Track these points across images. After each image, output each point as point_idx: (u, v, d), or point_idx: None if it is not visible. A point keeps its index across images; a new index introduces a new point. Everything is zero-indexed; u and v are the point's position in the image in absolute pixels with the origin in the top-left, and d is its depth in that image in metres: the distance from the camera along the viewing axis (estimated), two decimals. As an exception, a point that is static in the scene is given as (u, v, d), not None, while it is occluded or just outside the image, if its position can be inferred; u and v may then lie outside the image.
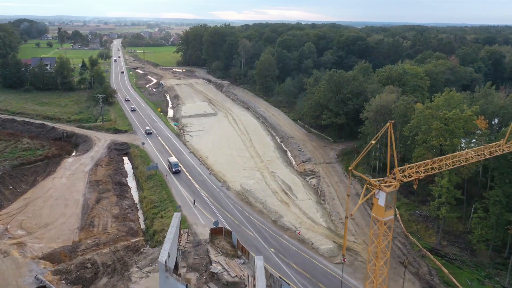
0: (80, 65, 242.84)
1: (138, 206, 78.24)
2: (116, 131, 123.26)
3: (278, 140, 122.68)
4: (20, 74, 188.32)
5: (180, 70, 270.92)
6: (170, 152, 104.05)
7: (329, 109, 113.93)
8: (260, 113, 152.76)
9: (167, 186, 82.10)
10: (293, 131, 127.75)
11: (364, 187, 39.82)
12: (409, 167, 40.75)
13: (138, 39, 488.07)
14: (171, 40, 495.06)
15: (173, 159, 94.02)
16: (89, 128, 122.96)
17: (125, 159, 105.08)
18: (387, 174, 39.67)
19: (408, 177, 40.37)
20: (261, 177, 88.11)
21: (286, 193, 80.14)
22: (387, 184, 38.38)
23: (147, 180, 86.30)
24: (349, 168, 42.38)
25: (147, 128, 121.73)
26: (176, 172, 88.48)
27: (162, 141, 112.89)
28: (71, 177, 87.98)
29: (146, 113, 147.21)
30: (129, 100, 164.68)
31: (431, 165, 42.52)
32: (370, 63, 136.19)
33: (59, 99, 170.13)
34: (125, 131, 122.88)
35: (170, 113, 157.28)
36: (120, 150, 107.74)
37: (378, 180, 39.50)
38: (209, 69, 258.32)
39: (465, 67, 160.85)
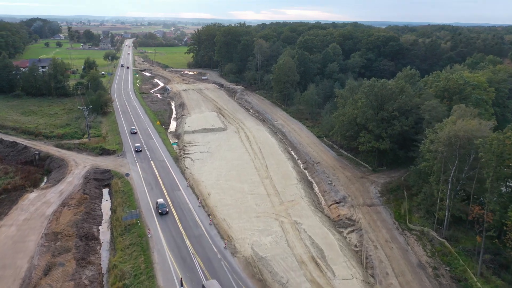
0: (82, 67, 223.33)
1: (105, 278, 54.61)
2: (103, 151, 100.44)
3: (301, 166, 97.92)
4: (10, 77, 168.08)
5: (191, 73, 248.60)
6: (162, 185, 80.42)
7: (368, 130, 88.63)
8: (278, 127, 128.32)
9: (148, 247, 58.32)
10: (319, 154, 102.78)
11: None
12: None
13: (150, 39, 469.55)
14: (185, 40, 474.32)
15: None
16: (68, 148, 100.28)
17: (106, 192, 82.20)
18: None
19: None
20: (281, 231, 63.52)
21: (317, 263, 55.34)
22: None
23: (123, 234, 62.75)
24: None
25: (159, 201, 70.66)
26: None
27: (154, 168, 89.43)
28: (24, 225, 65.16)
29: (143, 127, 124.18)
30: (136, 133, 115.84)
31: None
32: (416, 70, 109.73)
33: (49, 107, 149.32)
34: (113, 152, 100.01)
35: (173, 125, 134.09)
36: (100, 181, 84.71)
37: None
38: (222, 72, 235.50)
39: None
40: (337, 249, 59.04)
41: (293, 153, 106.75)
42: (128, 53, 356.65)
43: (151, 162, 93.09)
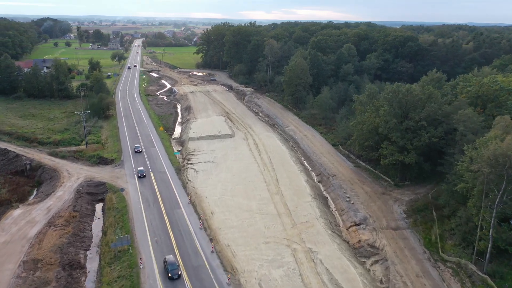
0: (88, 67, 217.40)
1: (87, 320, 46.66)
2: (100, 160, 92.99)
3: (315, 179, 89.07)
4: (12, 78, 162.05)
5: (200, 74, 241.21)
6: (160, 202, 72.32)
7: (391, 141, 79.36)
8: (290, 134, 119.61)
9: (138, 281, 50.12)
10: (334, 165, 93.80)
11: None
12: None
13: (159, 39, 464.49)
14: (194, 39, 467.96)
15: None
16: (63, 157, 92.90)
17: (99, 207, 74.45)
18: None
19: None
20: (294, 263, 54.79)
21: (337, 306, 46.56)
22: None
23: (112, 263, 54.72)
24: None
25: (168, 259, 52.38)
26: None
27: (154, 181, 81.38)
28: (3, 250, 57.48)
29: (146, 132, 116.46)
30: (140, 151, 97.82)
31: None
32: (443, 73, 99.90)
33: (50, 110, 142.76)
34: (111, 161, 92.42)
35: (177, 131, 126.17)
36: (93, 195, 77.02)
37: None
38: (231, 73, 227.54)
39: None
40: (360, 286, 50.11)
41: (306, 164, 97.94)
42: (137, 52, 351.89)
43: (151, 173, 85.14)
